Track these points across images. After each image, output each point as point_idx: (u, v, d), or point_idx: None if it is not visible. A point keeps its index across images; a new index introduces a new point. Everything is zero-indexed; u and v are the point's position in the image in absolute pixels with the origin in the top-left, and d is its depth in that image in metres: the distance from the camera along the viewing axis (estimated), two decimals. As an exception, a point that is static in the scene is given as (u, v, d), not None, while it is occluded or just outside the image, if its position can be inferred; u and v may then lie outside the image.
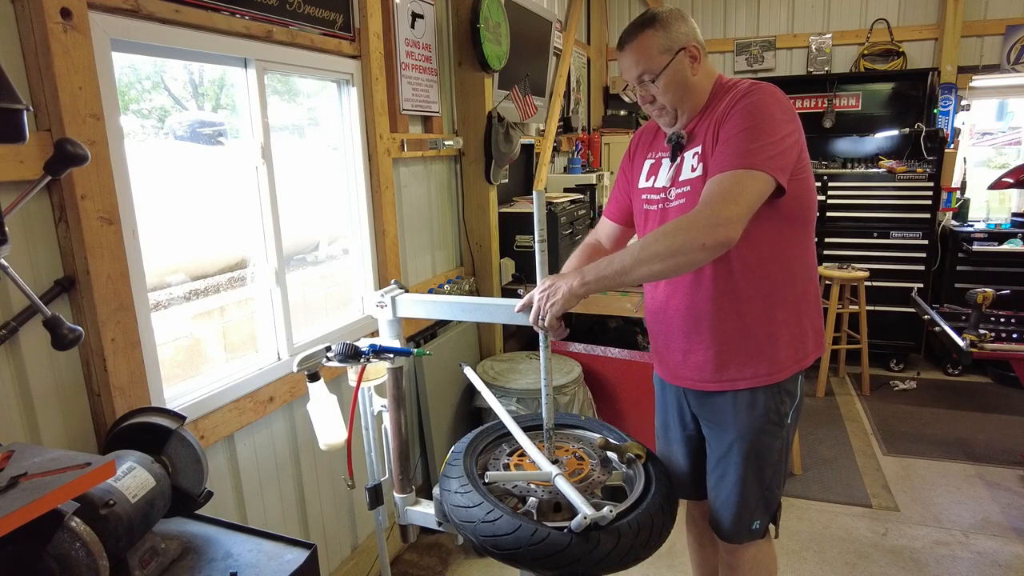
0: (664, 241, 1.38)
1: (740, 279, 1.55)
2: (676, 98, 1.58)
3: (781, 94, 1.51)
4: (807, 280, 1.63)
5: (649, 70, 1.56)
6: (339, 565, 2.32)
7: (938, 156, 4.33)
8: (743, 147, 1.41)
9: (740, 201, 1.37)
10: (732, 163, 1.41)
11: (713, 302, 1.57)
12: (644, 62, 1.56)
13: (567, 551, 1.22)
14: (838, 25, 4.94)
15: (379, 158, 2.36)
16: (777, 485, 1.68)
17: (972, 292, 2.80)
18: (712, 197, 1.39)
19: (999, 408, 3.96)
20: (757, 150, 1.40)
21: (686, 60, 1.56)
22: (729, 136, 1.45)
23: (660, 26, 1.54)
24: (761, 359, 1.58)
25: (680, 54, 1.55)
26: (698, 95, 1.59)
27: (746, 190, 1.38)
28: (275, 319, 1.99)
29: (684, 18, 1.58)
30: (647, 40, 1.55)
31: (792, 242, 1.57)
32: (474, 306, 1.66)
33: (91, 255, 1.33)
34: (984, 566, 2.51)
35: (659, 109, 1.61)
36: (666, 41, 1.54)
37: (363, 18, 2.24)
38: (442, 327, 2.92)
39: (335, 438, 1.67)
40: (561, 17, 4.41)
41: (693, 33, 1.57)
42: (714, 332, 1.58)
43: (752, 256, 1.53)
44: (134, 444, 1.26)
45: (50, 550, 0.95)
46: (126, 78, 1.65)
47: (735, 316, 1.57)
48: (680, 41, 1.55)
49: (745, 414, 1.61)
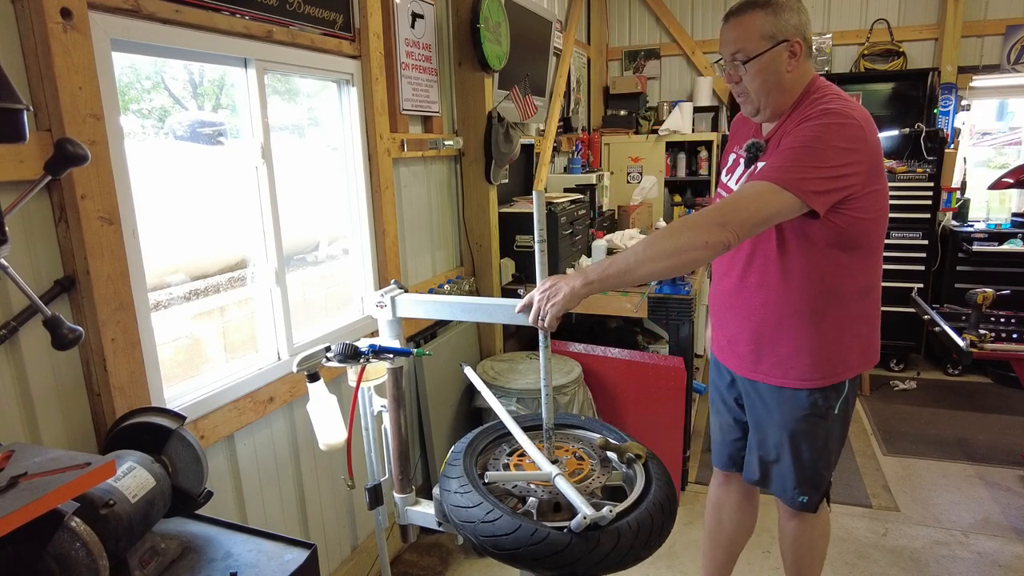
0: (670, 239, 1.39)
1: (787, 290, 1.61)
2: (763, 88, 1.56)
3: (855, 121, 1.47)
4: (857, 300, 1.65)
5: (744, 51, 1.54)
6: (339, 565, 2.32)
7: (938, 156, 4.33)
8: (784, 164, 1.44)
9: (751, 210, 1.40)
10: (766, 175, 1.43)
11: (760, 305, 1.67)
12: (742, 41, 1.53)
13: (567, 551, 1.22)
14: (838, 25, 4.94)
15: (379, 158, 2.36)
16: (824, 467, 1.78)
17: (972, 292, 2.80)
18: (728, 200, 1.44)
19: (999, 408, 3.96)
20: (795, 169, 1.42)
21: (785, 53, 1.53)
22: (782, 150, 1.47)
23: (772, 10, 1.50)
24: (795, 364, 1.66)
25: (781, 45, 1.52)
26: (786, 94, 1.57)
27: (766, 203, 1.41)
28: (275, 319, 1.99)
29: (799, 9, 1.54)
30: (753, 20, 1.51)
31: (840, 266, 1.59)
32: (474, 306, 1.66)
33: (91, 255, 1.33)
34: (984, 566, 2.51)
35: (743, 94, 1.60)
36: (772, 27, 1.51)
37: (363, 18, 2.24)
38: (442, 327, 2.92)
39: (335, 438, 1.67)
40: (561, 17, 4.41)
41: (803, 28, 1.54)
42: (753, 331, 1.70)
43: (798, 271, 1.59)
44: (134, 444, 1.26)
45: (50, 550, 0.95)
46: (126, 78, 1.65)
47: (775, 321, 1.66)
48: (786, 32, 1.51)
49: (778, 406, 1.72)
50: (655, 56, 5.42)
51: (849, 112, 1.47)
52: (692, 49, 5.27)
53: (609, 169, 5.03)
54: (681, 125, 4.90)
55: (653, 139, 4.91)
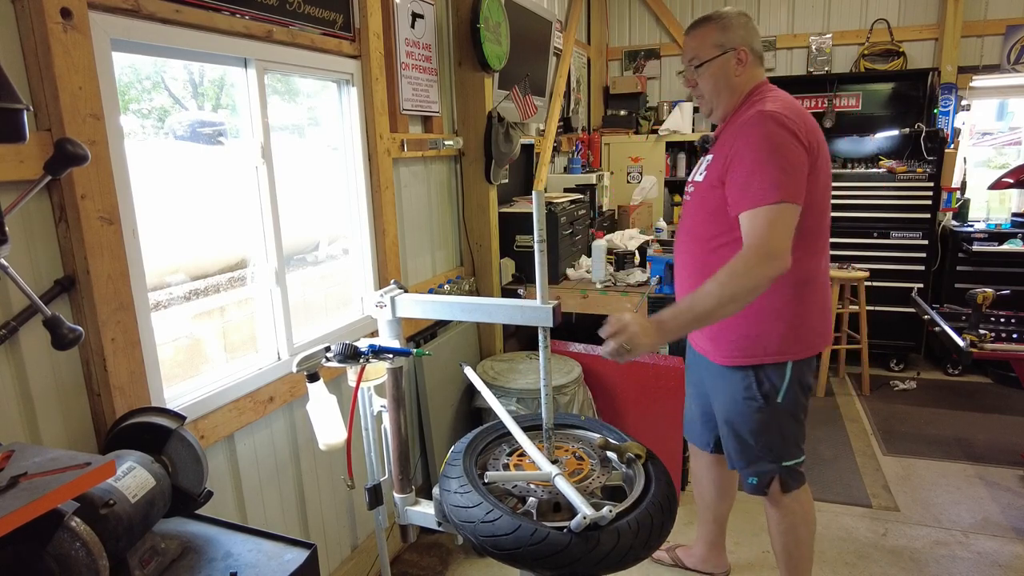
0: (739, 282, 1.55)
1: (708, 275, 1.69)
2: (714, 90, 1.81)
3: (787, 115, 1.65)
4: (804, 283, 1.79)
5: (698, 57, 1.82)
6: (339, 565, 2.32)
7: (938, 156, 4.33)
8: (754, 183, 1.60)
9: (779, 235, 1.57)
10: (751, 200, 1.60)
11: None
12: (697, 48, 1.82)
13: (567, 551, 1.22)
14: (838, 25, 4.94)
15: (379, 158, 2.36)
16: (766, 454, 1.92)
17: (972, 292, 2.80)
18: (756, 238, 1.58)
19: (999, 408, 3.96)
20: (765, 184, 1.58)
21: (733, 60, 1.79)
22: (741, 171, 1.64)
23: (722, 25, 1.80)
24: (747, 345, 1.82)
25: (729, 53, 1.79)
26: (735, 95, 1.82)
27: (780, 223, 1.57)
28: (275, 319, 1.99)
29: (747, 26, 1.83)
30: (706, 32, 1.81)
31: None
32: (474, 306, 1.66)
33: (91, 255, 1.33)
34: (984, 566, 2.51)
35: (700, 96, 1.87)
36: (721, 38, 1.79)
37: (363, 18, 2.24)
38: (442, 327, 2.92)
39: (335, 438, 1.67)
40: (561, 17, 4.41)
41: (749, 40, 1.81)
42: None
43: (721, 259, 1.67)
44: (134, 444, 1.26)
45: (50, 550, 0.95)
46: (126, 78, 1.65)
47: None
48: (733, 42, 1.79)
49: (728, 387, 1.89)
50: (655, 56, 5.42)
51: (780, 111, 1.65)
52: (692, 49, 5.27)
53: (609, 169, 5.03)
54: (681, 125, 4.90)
55: (653, 139, 4.91)
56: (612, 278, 3.36)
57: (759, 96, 1.77)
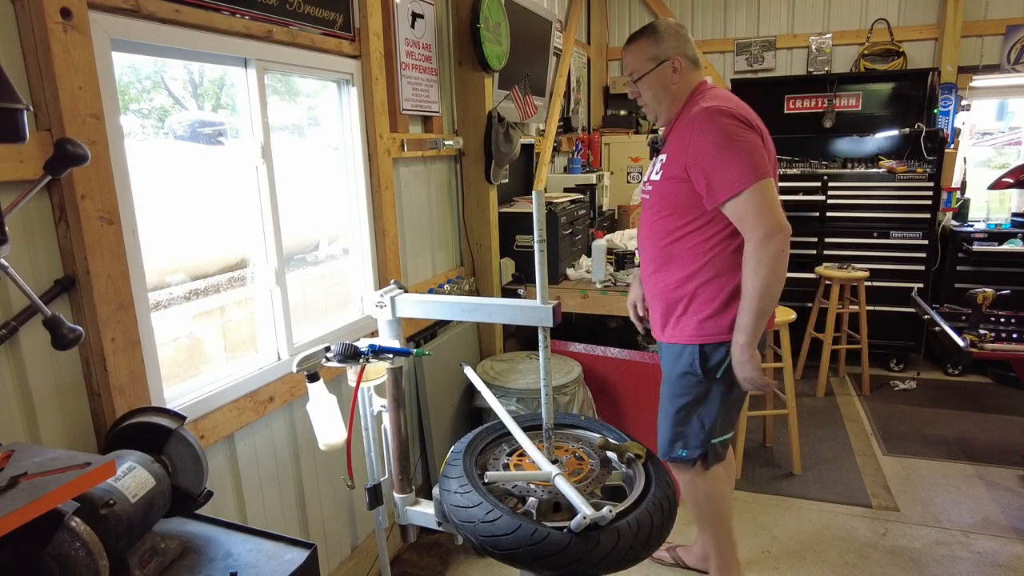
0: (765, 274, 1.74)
1: (677, 268, 1.93)
2: (655, 99, 1.94)
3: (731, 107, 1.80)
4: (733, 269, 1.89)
5: (636, 71, 1.94)
6: (339, 565, 2.32)
7: (938, 156, 4.32)
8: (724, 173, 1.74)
9: (770, 209, 1.73)
10: (730, 189, 1.73)
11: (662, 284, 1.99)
12: (634, 63, 1.94)
13: (567, 551, 1.22)
14: (838, 25, 4.94)
15: (379, 158, 2.36)
16: (697, 428, 2.03)
17: (972, 292, 2.80)
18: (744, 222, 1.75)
19: (999, 408, 3.96)
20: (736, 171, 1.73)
21: (669, 70, 1.90)
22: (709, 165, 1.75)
23: (655, 38, 1.90)
24: (687, 325, 1.95)
25: (664, 64, 1.90)
26: (676, 101, 1.93)
27: (765, 200, 1.73)
28: (275, 319, 1.99)
29: (679, 34, 1.92)
30: (641, 47, 1.92)
31: (715, 240, 1.87)
32: (474, 306, 1.66)
33: (91, 255, 1.33)
34: (984, 566, 2.51)
35: (644, 105, 2.00)
36: (655, 51, 1.90)
37: (363, 18, 2.24)
38: (442, 327, 2.92)
39: (335, 438, 1.67)
40: (561, 17, 4.41)
41: (682, 48, 1.91)
42: (660, 301, 2.01)
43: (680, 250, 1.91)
44: (134, 444, 1.26)
45: (50, 550, 0.95)
46: (126, 78, 1.65)
47: (671, 292, 1.96)
48: (667, 53, 1.89)
49: (673, 363, 2.01)
50: (655, 56, 5.41)
51: (723, 105, 1.79)
52: (692, 49, 5.27)
53: (609, 169, 5.03)
54: (681, 125, 4.89)
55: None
56: (612, 278, 3.36)
57: (700, 95, 1.90)
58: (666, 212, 1.91)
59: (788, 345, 3.18)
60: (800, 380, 4.42)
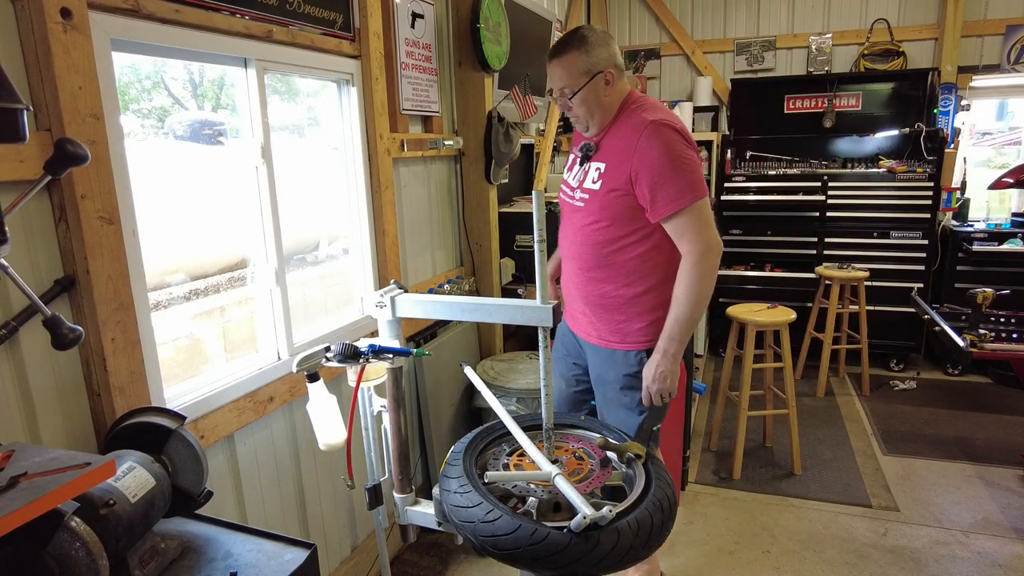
0: (700, 288, 1.81)
1: (620, 276, 1.93)
2: (588, 112, 1.88)
3: (673, 123, 1.82)
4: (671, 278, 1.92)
5: (569, 86, 1.86)
6: (339, 565, 2.32)
7: (938, 156, 4.33)
8: (673, 188, 1.77)
9: (709, 227, 1.81)
10: (676, 204, 1.77)
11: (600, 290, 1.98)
12: (566, 78, 1.85)
13: (567, 551, 1.22)
14: (838, 25, 4.94)
15: (379, 158, 2.36)
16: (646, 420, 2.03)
17: (972, 292, 2.80)
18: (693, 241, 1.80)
19: (999, 408, 3.96)
20: (683, 186, 1.77)
21: (601, 82, 1.84)
22: (657, 179, 1.78)
23: (585, 49, 1.82)
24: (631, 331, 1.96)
25: (597, 77, 1.83)
26: (608, 111, 1.89)
27: (704, 218, 1.80)
28: (275, 319, 1.99)
29: (607, 43, 1.86)
30: (572, 60, 1.83)
31: (659, 248, 1.89)
32: (474, 306, 1.66)
33: (91, 255, 1.33)
34: (984, 566, 2.51)
35: (575, 117, 1.93)
36: (587, 64, 1.82)
37: (363, 18, 2.24)
38: (442, 327, 2.92)
39: (335, 438, 1.67)
40: (561, 17, 4.42)
41: (612, 58, 1.85)
42: (596, 307, 2.00)
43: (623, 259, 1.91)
44: (134, 444, 1.26)
45: (50, 550, 0.95)
46: (126, 78, 1.65)
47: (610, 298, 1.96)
48: (599, 66, 1.83)
49: (619, 366, 2.00)
50: (655, 56, 5.42)
51: (667, 121, 1.81)
52: (692, 49, 5.27)
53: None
54: (681, 125, 4.89)
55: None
56: (612, 278, 3.35)
57: (635, 105, 1.89)
58: (607, 222, 1.91)
59: (788, 345, 3.18)
60: (800, 380, 4.42)
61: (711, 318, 4.84)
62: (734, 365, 3.46)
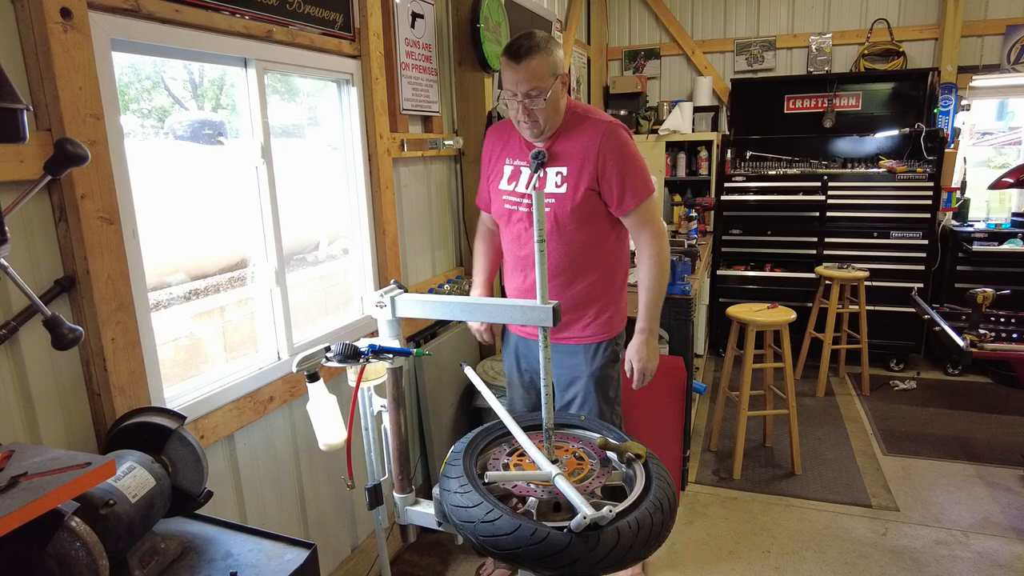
0: (666, 269, 2.03)
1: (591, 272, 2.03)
2: (550, 115, 1.90)
3: (621, 123, 1.98)
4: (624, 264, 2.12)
5: (540, 88, 1.84)
6: (339, 565, 2.32)
7: (938, 156, 4.33)
8: (637, 182, 1.93)
9: (660, 214, 2.04)
10: (640, 197, 1.94)
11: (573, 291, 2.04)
12: (536, 80, 1.83)
13: (567, 551, 1.22)
14: (838, 25, 4.94)
15: (379, 158, 2.36)
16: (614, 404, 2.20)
17: (972, 292, 2.80)
18: (647, 225, 1.97)
19: (999, 408, 3.96)
20: (644, 180, 1.95)
21: (559, 85, 1.88)
22: (623, 176, 1.91)
23: (548, 51, 1.84)
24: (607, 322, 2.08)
25: (558, 80, 1.87)
26: (560, 115, 1.94)
27: (658, 208, 2.04)
28: (275, 319, 1.98)
29: (559, 46, 1.94)
30: (542, 62, 1.83)
31: (615, 242, 2.05)
32: (474, 306, 1.66)
33: (91, 255, 1.33)
34: (984, 566, 2.51)
35: (532, 121, 1.90)
36: (552, 66, 1.85)
37: (363, 18, 2.24)
38: (442, 327, 2.92)
39: (335, 438, 1.67)
40: (561, 17, 4.42)
41: (563, 61, 1.92)
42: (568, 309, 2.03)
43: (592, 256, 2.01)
44: (134, 444, 1.26)
45: (50, 550, 0.95)
46: (126, 78, 1.65)
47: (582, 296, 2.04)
48: (559, 68, 1.87)
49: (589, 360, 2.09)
50: (655, 56, 5.42)
51: (618, 124, 1.94)
52: (692, 49, 5.27)
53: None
54: (681, 125, 4.90)
55: (653, 139, 4.91)
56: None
57: (581, 109, 1.97)
58: (582, 221, 1.96)
59: (788, 345, 3.18)
60: (800, 380, 4.42)
61: (711, 318, 4.84)
62: (734, 365, 3.46)
